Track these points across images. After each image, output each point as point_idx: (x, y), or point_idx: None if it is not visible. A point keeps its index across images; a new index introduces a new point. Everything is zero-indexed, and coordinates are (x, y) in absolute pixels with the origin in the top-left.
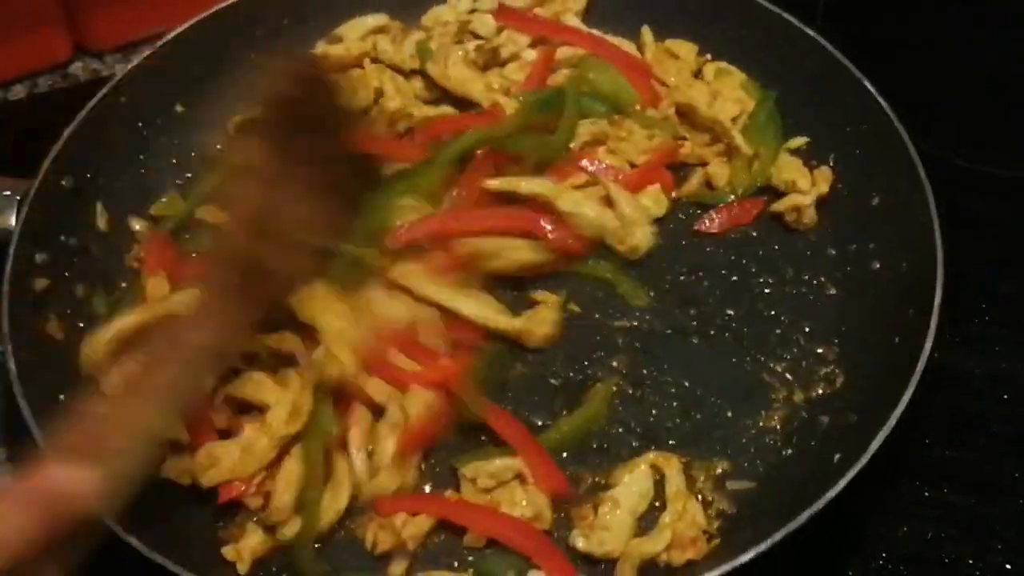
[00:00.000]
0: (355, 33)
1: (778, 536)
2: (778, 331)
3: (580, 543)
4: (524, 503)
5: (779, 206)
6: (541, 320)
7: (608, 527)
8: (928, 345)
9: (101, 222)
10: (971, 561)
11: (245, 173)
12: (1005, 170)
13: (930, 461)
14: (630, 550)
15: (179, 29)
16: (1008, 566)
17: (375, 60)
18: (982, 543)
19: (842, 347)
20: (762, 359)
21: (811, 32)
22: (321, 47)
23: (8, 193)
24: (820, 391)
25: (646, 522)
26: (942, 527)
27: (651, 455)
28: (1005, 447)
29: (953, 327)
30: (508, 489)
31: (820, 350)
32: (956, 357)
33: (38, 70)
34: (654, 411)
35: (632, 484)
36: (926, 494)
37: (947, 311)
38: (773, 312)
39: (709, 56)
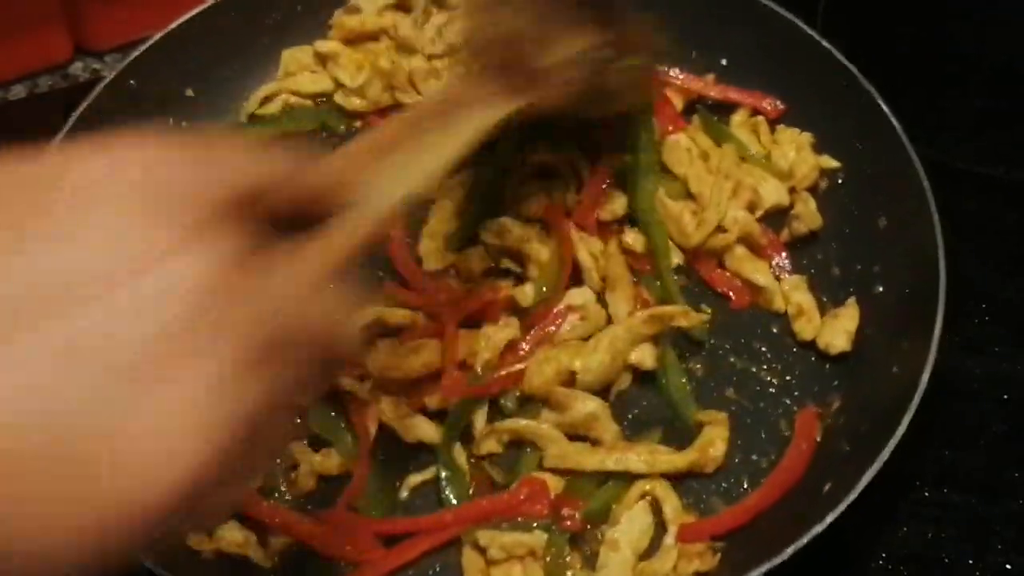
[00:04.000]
0: (373, 5)
1: (763, 568)
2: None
3: None
4: None
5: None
6: (709, 443)
7: (607, 565)
8: (925, 377)
9: None
10: (971, 561)
11: None
12: (1006, 172)
13: (930, 461)
14: None
15: (191, 13)
16: (1008, 566)
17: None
18: (982, 543)
19: (840, 371)
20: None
21: (813, 33)
22: (337, 15)
23: None
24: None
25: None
26: (942, 527)
27: (640, 482)
28: (1005, 447)
29: (953, 328)
30: (507, 566)
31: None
32: (956, 358)
33: (38, 70)
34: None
35: (632, 521)
36: (926, 494)
37: (947, 312)
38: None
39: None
